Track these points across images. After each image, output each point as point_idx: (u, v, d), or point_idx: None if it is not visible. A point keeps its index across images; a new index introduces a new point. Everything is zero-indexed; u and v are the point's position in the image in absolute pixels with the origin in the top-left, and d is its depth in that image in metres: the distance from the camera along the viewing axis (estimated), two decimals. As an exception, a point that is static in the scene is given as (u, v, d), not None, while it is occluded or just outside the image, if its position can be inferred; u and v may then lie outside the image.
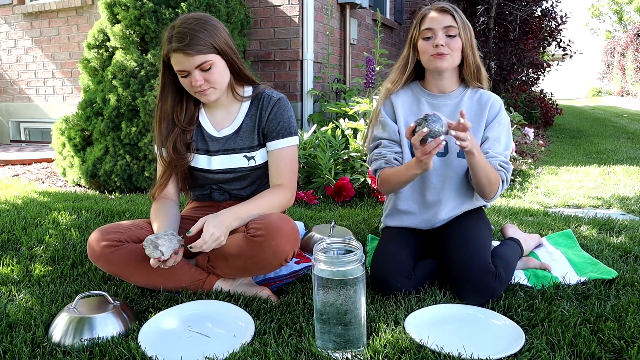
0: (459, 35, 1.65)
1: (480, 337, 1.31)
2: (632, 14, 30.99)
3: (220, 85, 1.59)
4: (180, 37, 1.50)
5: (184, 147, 1.66)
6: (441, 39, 1.64)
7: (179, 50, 1.50)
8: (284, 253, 1.47)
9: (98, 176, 3.31)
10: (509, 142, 1.73)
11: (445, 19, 1.65)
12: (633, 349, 1.21)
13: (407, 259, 1.61)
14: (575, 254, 1.92)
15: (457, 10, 1.68)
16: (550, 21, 7.51)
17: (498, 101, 1.75)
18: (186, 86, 1.58)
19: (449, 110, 1.73)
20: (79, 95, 4.80)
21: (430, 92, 1.77)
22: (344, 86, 4.59)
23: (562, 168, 4.17)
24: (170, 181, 1.71)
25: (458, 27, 1.65)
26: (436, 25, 1.65)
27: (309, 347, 1.24)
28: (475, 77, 1.73)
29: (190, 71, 1.53)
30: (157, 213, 1.63)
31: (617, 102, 16.29)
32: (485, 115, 1.71)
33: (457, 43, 1.66)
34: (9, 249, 2.05)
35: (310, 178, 3.13)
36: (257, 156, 1.68)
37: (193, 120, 1.69)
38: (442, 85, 1.75)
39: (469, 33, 1.68)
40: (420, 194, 1.75)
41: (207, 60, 1.52)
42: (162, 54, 1.57)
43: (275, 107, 1.66)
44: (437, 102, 1.75)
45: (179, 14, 3.40)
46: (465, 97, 1.74)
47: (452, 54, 1.66)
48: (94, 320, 1.33)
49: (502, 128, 1.72)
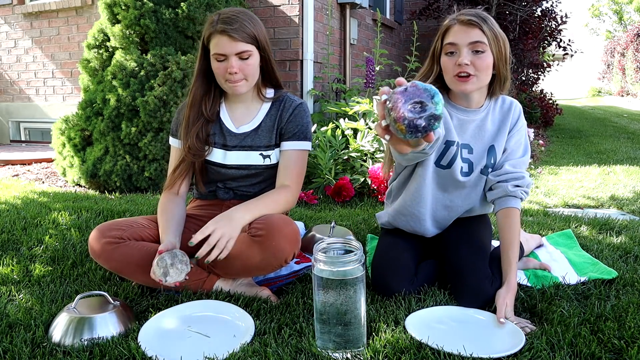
0: (489, 51, 1.45)
1: (481, 337, 1.31)
2: (632, 14, 31.00)
3: (251, 79, 1.61)
4: (228, 21, 1.54)
5: (204, 138, 1.68)
6: (466, 57, 1.43)
7: (224, 32, 1.53)
8: (285, 254, 1.47)
9: (98, 176, 3.31)
10: (527, 146, 1.65)
11: (472, 33, 1.43)
12: (633, 349, 1.21)
13: (409, 263, 1.60)
14: (575, 254, 1.92)
15: (487, 19, 1.46)
16: (550, 21, 7.51)
17: (518, 106, 1.65)
18: (219, 72, 1.58)
19: (475, 125, 1.60)
20: (79, 95, 4.80)
21: (459, 107, 1.58)
22: (344, 86, 4.59)
23: (562, 168, 4.17)
24: (186, 178, 1.72)
25: (488, 42, 1.44)
26: (460, 41, 1.44)
27: (309, 347, 1.24)
28: (502, 88, 1.57)
29: (229, 56, 1.55)
30: (164, 211, 1.64)
31: (617, 102, 16.29)
32: (508, 123, 1.62)
33: (485, 60, 1.45)
34: (9, 249, 2.05)
35: (310, 178, 3.13)
36: (272, 155, 1.69)
37: (215, 113, 1.70)
38: (469, 103, 1.58)
39: (502, 45, 1.47)
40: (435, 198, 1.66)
41: (248, 49, 1.55)
42: (203, 37, 1.60)
43: (297, 110, 1.68)
44: (467, 117, 1.58)
45: (179, 14, 3.40)
46: (491, 110, 1.62)
47: (479, 74, 1.45)
48: (94, 320, 1.33)
49: (521, 133, 1.64)
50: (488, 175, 1.62)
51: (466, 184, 1.63)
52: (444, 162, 1.59)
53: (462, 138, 1.59)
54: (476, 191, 1.67)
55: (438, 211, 1.68)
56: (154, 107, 3.17)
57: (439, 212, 1.68)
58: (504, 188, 1.56)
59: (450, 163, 1.59)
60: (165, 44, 3.47)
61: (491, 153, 1.61)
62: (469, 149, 1.60)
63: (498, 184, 1.59)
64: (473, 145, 1.60)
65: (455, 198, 1.66)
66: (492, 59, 1.46)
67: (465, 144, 1.60)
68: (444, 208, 1.68)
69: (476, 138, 1.60)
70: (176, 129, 1.73)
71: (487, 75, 1.48)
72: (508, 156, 1.62)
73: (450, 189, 1.65)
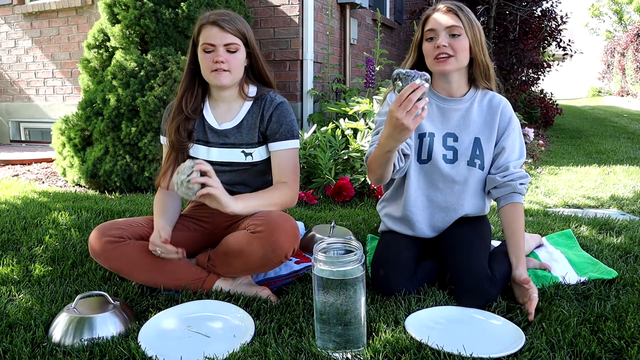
0: (465, 34, 1.58)
1: (481, 337, 1.31)
2: (632, 14, 31.00)
3: (235, 73, 1.65)
4: (219, 14, 1.62)
5: (185, 133, 1.71)
6: (443, 39, 1.56)
7: (215, 23, 1.59)
8: (284, 249, 1.48)
9: (98, 176, 3.31)
10: (522, 146, 1.70)
11: (449, 18, 1.58)
12: (633, 349, 1.21)
13: (409, 261, 1.60)
14: (575, 254, 1.92)
15: (463, 8, 1.61)
16: (550, 21, 7.51)
17: (508, 105, 1.70)
18: (206, 62, 1.62)
19: (459, 115, 1.67)
20: (79, 95, 4.79)
21: (439, 95, 1.69)
22: (344, 86, 4.59)
23: (562, 168, 4.17)
24: None
25: (463, 26, 1.57)
26: (438, 26, 1.58)
27: (309, 347, 1.24)
28: (485, 76, 1.66)
29: (217, 46, 1.59)
30: (158, 203, 1.72)
31: (617, 102, 16.29)
32: (497, 121, 1.67)
33: (461, 43, 1.58)
34: (9, 249, 2.05)
35: (310, 178, 3.13)
36: (255, 153, 1.70)
37: (197, 111, 1.74)
38: (451, 89, 1.67)
39: (477, 31, 1.61)
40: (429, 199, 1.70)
41: (236, 42, 1.61)
42: (194, 33, 1.65)
43: (278, 109, 1.69)
44: (448, 106, 1.68)
45: (179, 14, 3.40)
46: (476, 102, 1.68)
47: (457, 55, 1.58)
48: (94, 320, 1.33)
49: (516, 134, 1.69)
50: (483, 169, 1.67)
51: (455, 177, 1.66)
52: (423, 156, 1.66)
53: (446, 127, 1.67)
54: (469, 189, 1.68)
55: (435, 214, 1.71)
56: (154, 107, 3.17)
57: (436, 215, 1.71)
58: (514, 186, 1.63)
59: (430, 154, 1.65)
60: (165, 44, 3.47)
61: (477, 145, 1.66)
62: (454, 137, 1.67)
63: (506, 183, 1.64)
64: (458, 134, 1.67)
65: (448, 197, 1.68)
66: (467, 42, 1.59)
67: (450, 133, 1.67)
68: (440, 210, 1.70)
69: (461, 127, 1.67)
70: (164, 125, 1.78)
71: (464, 57, 1.60)
72: (508, 157, 1.66)
73: (440, 185, 1.68)
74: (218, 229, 1.77)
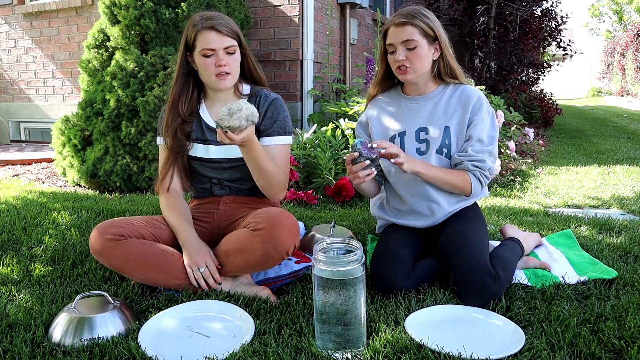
0: (420, 44, 1.65)
1: (481, 337, 1.31)
2: (632, 14, 30.99)
3: (235, 74, 1.68)
4: (212, 18, 1.63)
5: (183, 136, 1.73)
6: (400, 53, 1.66)
7: (213, 28, 1.61)
8: (285, 246, 1.49)
9: (98, 176, 3.31)
10: (492, 137, 1.73)
11: (404, 32, 1.65)
12: (633, 349, 1.21)
13: (406, 256, 1.61)
14: (575, 254, 1.92)
15: (417, 14, 1.66)
16: (550, 21, 7.52)
17: (480, 96, 1.74)
18: (208, 67, 1.63)
19: (428, 110, 1.76)
20: (79, 95, 4.79)
21: (409, 97, 1.80)
22: (344, 86, 4.59)
23: (562, 168, 4.17)
24: (175, 175, 1.77)
25: (421, 33, 1.64)
26: (395, 41, 1.67)
27: (309, 347, 1.24)
28: (449, 73, 1.75)
29: (217, 50, 1.61)
30: (170, 207, 1.71)
31: (617, 102, 16.28)
32: (468, 112, 1.72)
33: (417, 54, 1.66)
34: (9, 249, 2.05)
35: (310, 178, 3.13)
36: None
37: (194, 113, 1.75)
38: (419, 89, 1.79)
39: (437, 32, 1.67)
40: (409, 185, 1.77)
41: (233, 44, 1.65)
42: (186, 38, 1.66)
43: (272, 106, 1.72)
44: (417, 104, 1.78)
45: (179, 14, 3.40)
46: (445, 96, 1.76)
47: (414, 66, 1.67)
48: (94, 320, 1.33)
49: (485, 124, 1.72)
50: (450, 157, 1.73)
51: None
52: None
53: (417, 122, 1.77)
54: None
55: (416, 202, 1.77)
56: (154, 107, 3.17)
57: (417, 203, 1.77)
58: (465, 165, 1.70)
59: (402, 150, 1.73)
60: (165, 44, 3.47)
61: (446, 134, 1.73)
62: (426, 130, 1.76)
63: (461, 164, 1.72)
64: (429, 126, 1.76)
65: (427, 186, 1.74)
66: (425, 49, 1.67)
67: (422, 127, 1.76)
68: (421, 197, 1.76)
69: (431, 120, 1.76)
70: (160, 128, 1.78)
71: (423, 66, 1.70)
72: (473, 143, 1.72)
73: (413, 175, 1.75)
74: (218, 228, 1.77)
